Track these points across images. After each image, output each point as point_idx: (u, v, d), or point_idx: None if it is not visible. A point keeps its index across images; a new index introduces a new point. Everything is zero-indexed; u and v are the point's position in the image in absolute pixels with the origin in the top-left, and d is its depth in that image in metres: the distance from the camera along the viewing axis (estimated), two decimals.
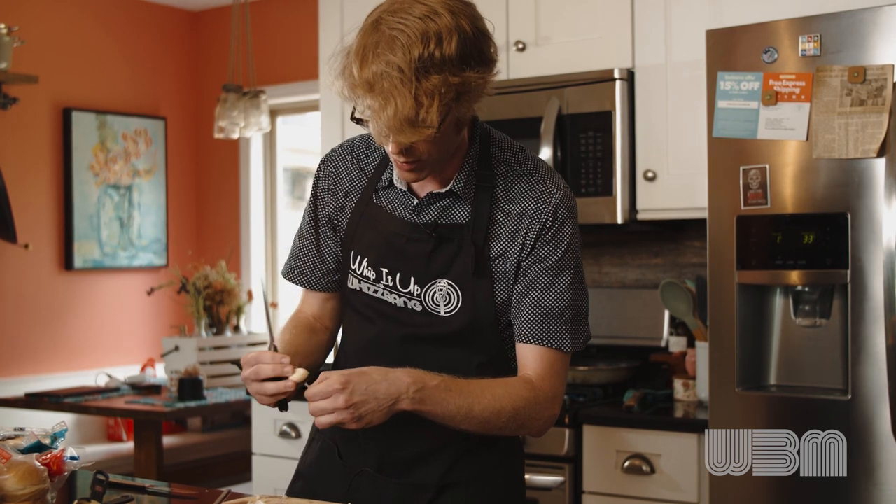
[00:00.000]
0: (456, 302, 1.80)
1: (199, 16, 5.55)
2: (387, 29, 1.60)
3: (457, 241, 1.79)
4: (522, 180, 1.82)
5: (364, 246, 1.86)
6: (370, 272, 1.85)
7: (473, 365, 1.81)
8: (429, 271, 1.80)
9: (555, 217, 1.79)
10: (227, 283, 4.76)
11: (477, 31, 1.66)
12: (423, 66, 1.58)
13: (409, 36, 1.59)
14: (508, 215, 1.80)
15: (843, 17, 2.39)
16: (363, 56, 1.61)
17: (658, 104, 3.10)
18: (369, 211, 1.87)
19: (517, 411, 1.74)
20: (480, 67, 1.65)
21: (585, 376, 3.22)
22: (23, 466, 1.64)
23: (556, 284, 1.79)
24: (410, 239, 1.81)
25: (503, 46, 3.33)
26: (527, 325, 1.80)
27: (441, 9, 1.62)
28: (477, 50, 1.65)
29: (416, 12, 1.61)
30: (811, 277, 2.43)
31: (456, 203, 1.81)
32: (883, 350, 2.31)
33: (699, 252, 3.36)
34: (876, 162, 2.33)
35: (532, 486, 2.90)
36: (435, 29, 1.60)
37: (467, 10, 1.67)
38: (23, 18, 4.69)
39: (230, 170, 5.44)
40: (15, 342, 4.78)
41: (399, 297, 1.83)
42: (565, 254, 1.79)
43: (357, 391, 1.63)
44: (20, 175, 4.73)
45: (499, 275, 1.80)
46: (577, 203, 1.88)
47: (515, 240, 1.79)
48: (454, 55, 1.61)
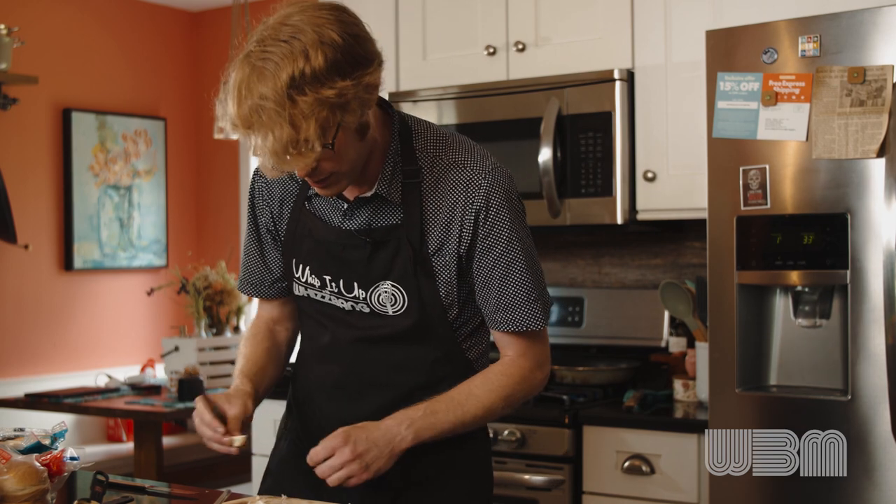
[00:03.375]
0: (402, 301, 1.80)
1: (199, 16, 5.55)
2: (256, 61, 1.58)
3: (393, 242, 1.79)
4: (449, 170, 1.79)
5: (304, 254, 1.87)
6: (314, 279, 1.86)
7: (429, 361, 1.84)
8: (370, 275, 1.81)
9: (488, 204, 1.77)
10: (227, 284, 4.76)
11: (348, 36, 1.61)
12: (294, 89, 1.55)
13: (275, 63, 1.56)
14: (440, 208, 1.78)
15: (842, 17, 2.39)
16: (237, 94, 1.59)
17: (658, 105, 3.10)
18: (303, 218, 1.87)
19: (508, 398, 1.82)
20: (357, 72, 1.61)
21: (585, 377, 3.22)
22: (23, 467, 1.64)
23: (513, 268, 1.80)
24: (347, 246, 1.81)
25: (503, 47, 3.33)
26: (497, 314, 1.82)
27: (305, 25, 1.59)
28: (350, 56, 1.60)
29: (281, 36, 1.59)
30: (811, 278, 2.43)
31: (385, 203, 1.80)
32: (883, 350, 2.31)
33: (699, 252, 3.36)
34: (875, 162, 2.33)
35: (532, 486, 2.90)
36: (300, 48, 1.57)
37: (337, 15, 1.63)
38: (23, 19, 4.69)
39: (230, 170, 5.45)
40: (15, 343, 4.78)
41: (346, 301, 1.84)
42: (511, 236, 1.79)
43: (359, 441, 1.68)
44: (20, 176, 4.73)
45: (440, 268, 1.80)
46: (577, 204, 1.88)
47: (451, 233, 1.78)
48: (322, 68, 1.57)
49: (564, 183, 3.12)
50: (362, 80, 1.61)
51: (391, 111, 1.82)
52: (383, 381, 1.84)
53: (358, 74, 1.61)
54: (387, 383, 1.84)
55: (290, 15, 1.62)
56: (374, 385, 1.84)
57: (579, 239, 3.57)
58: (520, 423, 2.93)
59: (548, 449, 2.92)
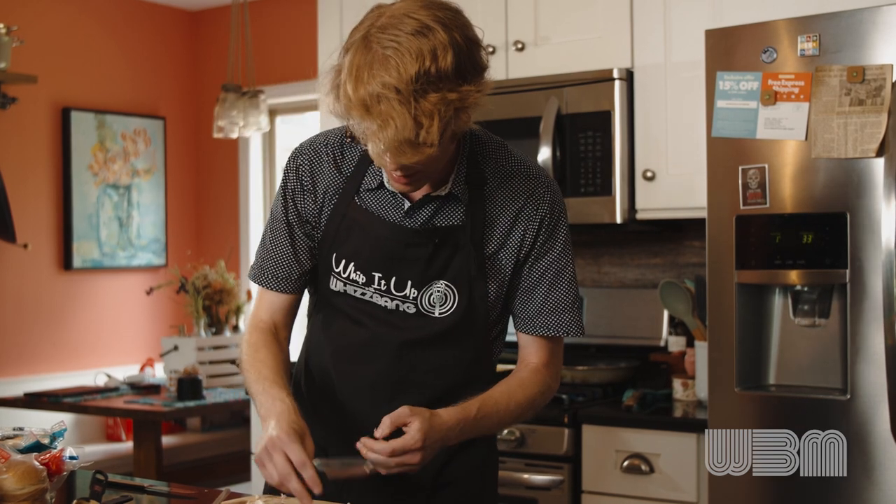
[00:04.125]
0: (452, 302, 1.81)
1: (198, 15, 5.55)
2: (378, 47, 1.55)
3: (453, 242, 1.79)
4: (513, 176, 1.82)
5: (350, 250, 1.83)
6: (359, 276, 1.82)
7: (464, 363, 1.84)
8: (427, 274, 1.80)
9: (552, 212, 1.82)
10: (227, 283, 4.76)
11: (468, 41, 1.61)
12: (420, 86, 1.53)
13: (402, 54, 1.54)
14: (502, 213, 1.81)
15: (842, 16, 2.39)
16: (357, 76, 1.55)
17: (657, 104, 3.10)
18: (352, 213, 1.82)
19: (534, 407, 1.85)
20: (476, 78, 1.62)
21: (585, 376, 3.22)
22: (22, 466, 1.64)
23: (562, 275, 1.84)
24: (410, 244, 1.79)
25: (502, 46, 3.33)
26: (539, 319, 1.84)
27: (432, 22, 1.57)
28: (471, 61, 1.61)
29: (406, 28, 1.56)
30: (810, 277, 2.43)
31: (446, 204, 1.80)
32: (882, 350, 2.31)
33: (698, 252, 3.36)
34: (875, 162, 2.33)
35: (531, 486, 2.90)
36: (429, 46, 1.55)
37: (457, 19, 1.62)
38: (22, 18, 4.69)
39: (229, 169, 5.44)
40: (14, 342, 4.78)
41: (392, 300, 1.82)
42: (565, 244, 1.85)
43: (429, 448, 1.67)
44: (19, 175, 4.73)
45: (492, 273, 1.81)
46: (577, 203, 1.90)
47: (512, 237, 1.81)
48: (450, 71, 1.56)
49: (564, 182, 3.12)
50: (481, 87, 1.63)
51: None
52: (419, 383, 1.82)
53: (478, 80, 1.62)
54: (423, 384, 1.82)
55: (414, 9, 1.59)
56: (410, 386, 1.82)
57: (578, 238, 3.57)
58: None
59: (547, 448, 2.92)
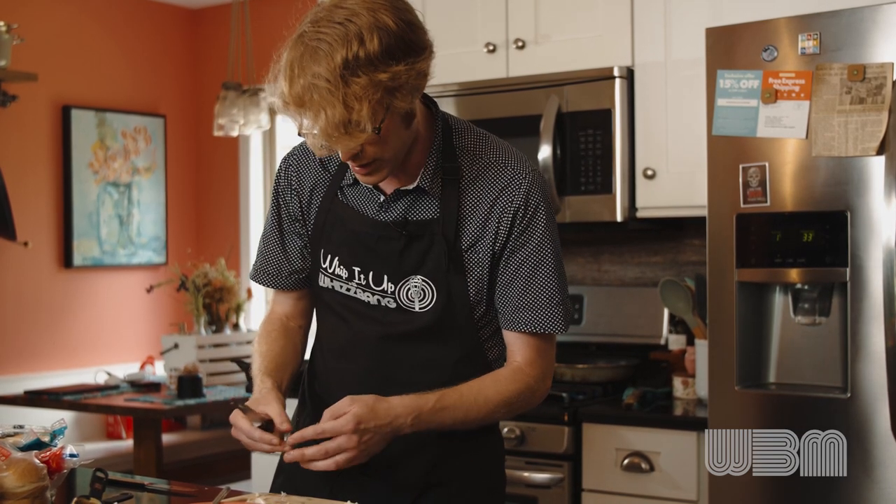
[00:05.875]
0: (431, 297, 1.80)
1: (198, 13, 5.55)
2: (309, 41, 1.60)
3: (427, 236, 1.80)
4: (488, 168, 1.81)
5: (334, 244, 1.86)
6: (342, 270, 1.86)
7: (451, 360, 1.83)
8: (402, 268, 1.81)
9: (526, 203, 1.79)
10: (227, 281, 4.76)
11: (401, 22, 1.64)
12: (347, 70, 1.58)
13: (329, 43, 1.59)
14: (477, 206, 1.80)
15: (842, 14, 2.39)
16: (290, 73, 1.61)
17: (657, 102, 3.10)
18: (336, 209, 1.87)
19: (510, 405, 1.80)
20: (410, 58, 1.63)
21: (585, 374, 3.22)
22: (22, 464, 1.64)
23: (540, 269, 1.80)
24: (381, 237, 1.81)
25: (503, 44, 3.33)
26: (518, 313, 1.81)
27: (360, 9, 1.61)
28: (403, 42, 1.63)
29: (336, 18, 1.61)
30: (810, 275, 2.43)
31: (422, 197, 1.81)
32: (882, 348, 2.31)
33: (699, 250, 3.36)
34: (875, 160, 2.33)
35: (531, 484, 2.90)
36: (355, 30, 1.59)
37: (391, 2, 1.65)
38: (22, 16, 4.69)
39: (230, 167, 5.44)
40: (14, 340, 4.78)
41: (372, 294, 1.83)
42: (543, 237, 1.81)
43: (367, 431, 1.67)
44: (19, 173, 4.73)
45: (471, 266, 1.80)
46: (577, 201, 1.89)
47: (487, 230, 1.79)
48: (377, 52, 1.59)
49: (564, 180, 3.12)
50: (415, 67, 1.64)
51: (435, 108, 1.84)
52: (405, 380, 1.82)
53: (411, 60, 1.63)
54: (408, 382, 1.81)
55: None
56: (395, 384, 1.81)
57: (579, 236, 3.57)
58: (519, 420, 2.93)
59: (547, 446, 2.92)
